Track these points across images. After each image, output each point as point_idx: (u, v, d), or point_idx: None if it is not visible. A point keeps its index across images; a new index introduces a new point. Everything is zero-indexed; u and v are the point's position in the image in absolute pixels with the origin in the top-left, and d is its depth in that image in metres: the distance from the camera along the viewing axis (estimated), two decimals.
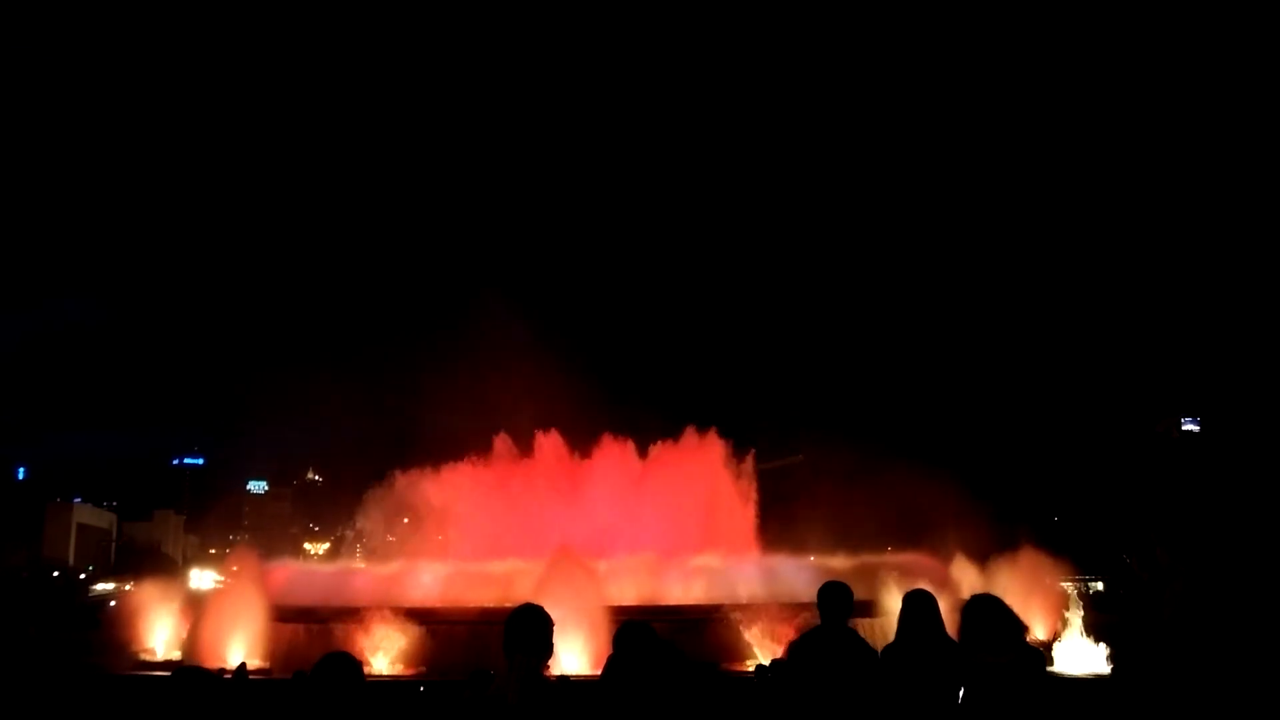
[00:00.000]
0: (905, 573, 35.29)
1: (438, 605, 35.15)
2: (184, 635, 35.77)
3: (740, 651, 31.12)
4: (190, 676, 6.77)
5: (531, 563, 36.10)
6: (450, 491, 50.57)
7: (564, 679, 23.60)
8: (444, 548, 48.62)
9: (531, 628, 6.25)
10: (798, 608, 31.50)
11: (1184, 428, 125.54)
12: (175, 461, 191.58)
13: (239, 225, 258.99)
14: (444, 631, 32.33)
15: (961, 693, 7.96)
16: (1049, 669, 26.98)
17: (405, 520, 52.05)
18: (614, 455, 53.94)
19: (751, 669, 24.30)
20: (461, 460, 52.86)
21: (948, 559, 42.14)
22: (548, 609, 6.52)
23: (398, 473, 52.93)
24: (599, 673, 7.95)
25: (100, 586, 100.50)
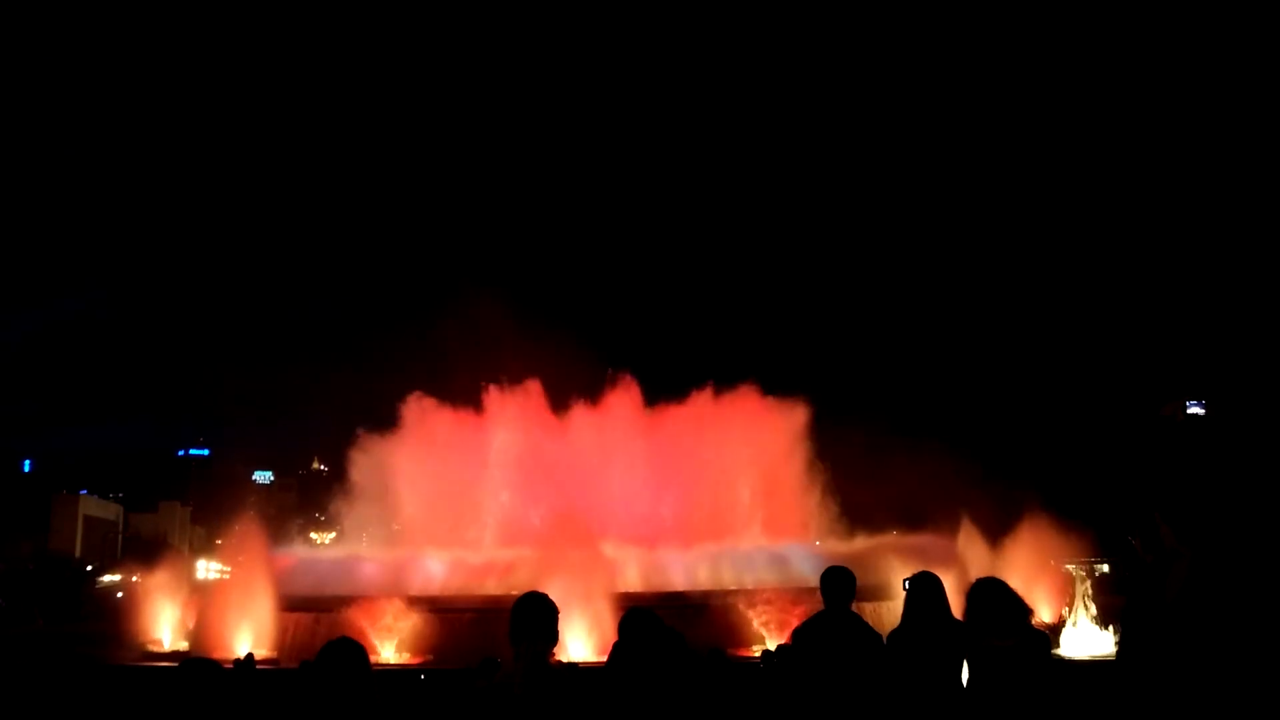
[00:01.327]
0: (912, 555, 35.30)
1: (444, 593, 35.25)
2: (191, 626, 35.91)
3: (747, 637, 31.18)
4: (197, 667, 6.78)
5: (537, 549, 36.23)
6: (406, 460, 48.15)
7: (570, 666, 23.71)
8: (448, 534, 47.74)
9: (536, 616, 6.27)
10: (803, 593, 31.59)
11: (1189, 410, 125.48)
12: (181, 453, 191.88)
13: (242, 218, 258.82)
14: (450, 619, 32.43)
15: (966, 676, 7.97)
16: (1054, 652, 27.03)
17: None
18: (622, 404, 51.18)
19: (758, 654, 24.36)
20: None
21: (953, 541, 42.08)
22: (551, 594, 6.54)
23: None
24: (603, 659, 7.96)
25: (107, 578, 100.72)
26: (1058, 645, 30.29)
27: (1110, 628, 30.69)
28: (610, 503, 44.72)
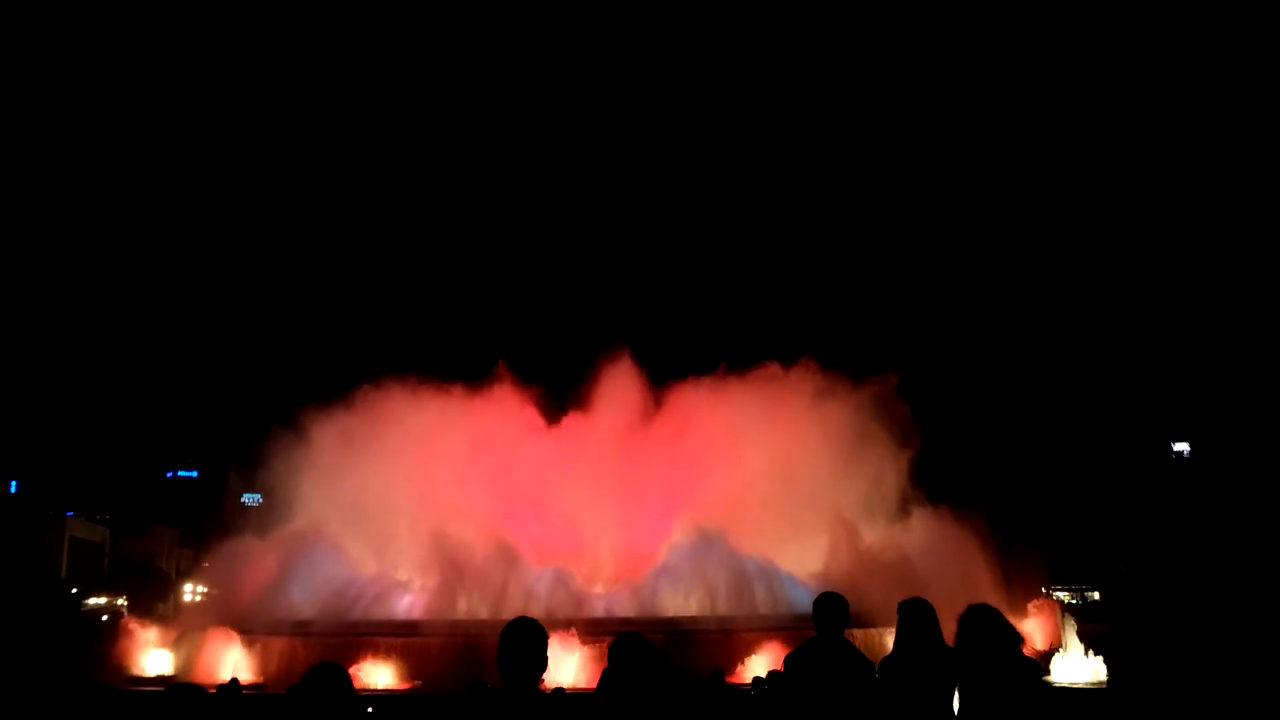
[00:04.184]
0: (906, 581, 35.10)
1: (432, 619, 35.09)
2: (177, 650, 35.64)
3: (738, 664, 31.00)
4: (184, 692, 6.73)
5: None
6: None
7: (559, 691, 23.51)
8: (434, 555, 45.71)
9: (526, 641, 6.23)
10: (793, 619, 31.52)
11: (1175, 448, 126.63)
12: (169, 475, 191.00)
13: (231, 234, 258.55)
14: (439, 645, 32.28)
15: (957, 704, 7.94)
16: (1045, 679, 27.00)
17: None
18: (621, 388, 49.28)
19: (749, 681, 24.25)
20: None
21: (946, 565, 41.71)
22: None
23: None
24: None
25: (93, 601, 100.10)
26: (1048, 672, 30.22)
27: (1099, 655, 30.63)
28: (603, 516, 43.91)
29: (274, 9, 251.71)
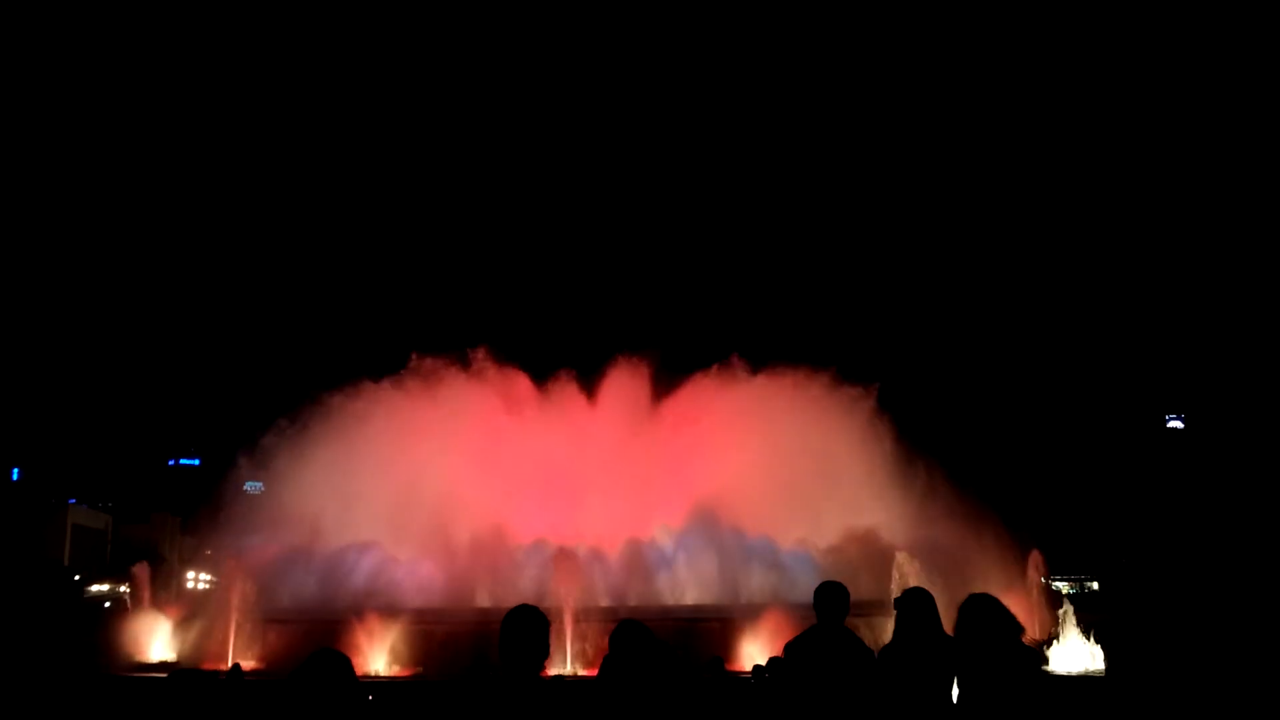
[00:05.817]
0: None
1: (434, 606, 35.17)
2: (180, 637, 35.73)
3: (737, 652, 31.08)
4: (187, 678, 6.78)
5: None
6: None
7: (560, 679, 23.64)
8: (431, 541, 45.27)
9: (528, 629, 6.26)
10: (794, 607, 31.54)
11: (1169, 425, 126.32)
12: (171, 463, 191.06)
13: (233, 224, 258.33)
14: (440, 632, 32.36)
15: (957, 692, 7.97)
16: (1045, 668, 27.04)
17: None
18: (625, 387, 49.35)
19: (749, 669, 24.33)
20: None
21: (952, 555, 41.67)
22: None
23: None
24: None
25: (96, 588, 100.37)
26: (1047, 661, 30.26)
27: (1098, 644, 30.66)
28: (601, 503, 43.79)
29: (274, 7, 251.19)
